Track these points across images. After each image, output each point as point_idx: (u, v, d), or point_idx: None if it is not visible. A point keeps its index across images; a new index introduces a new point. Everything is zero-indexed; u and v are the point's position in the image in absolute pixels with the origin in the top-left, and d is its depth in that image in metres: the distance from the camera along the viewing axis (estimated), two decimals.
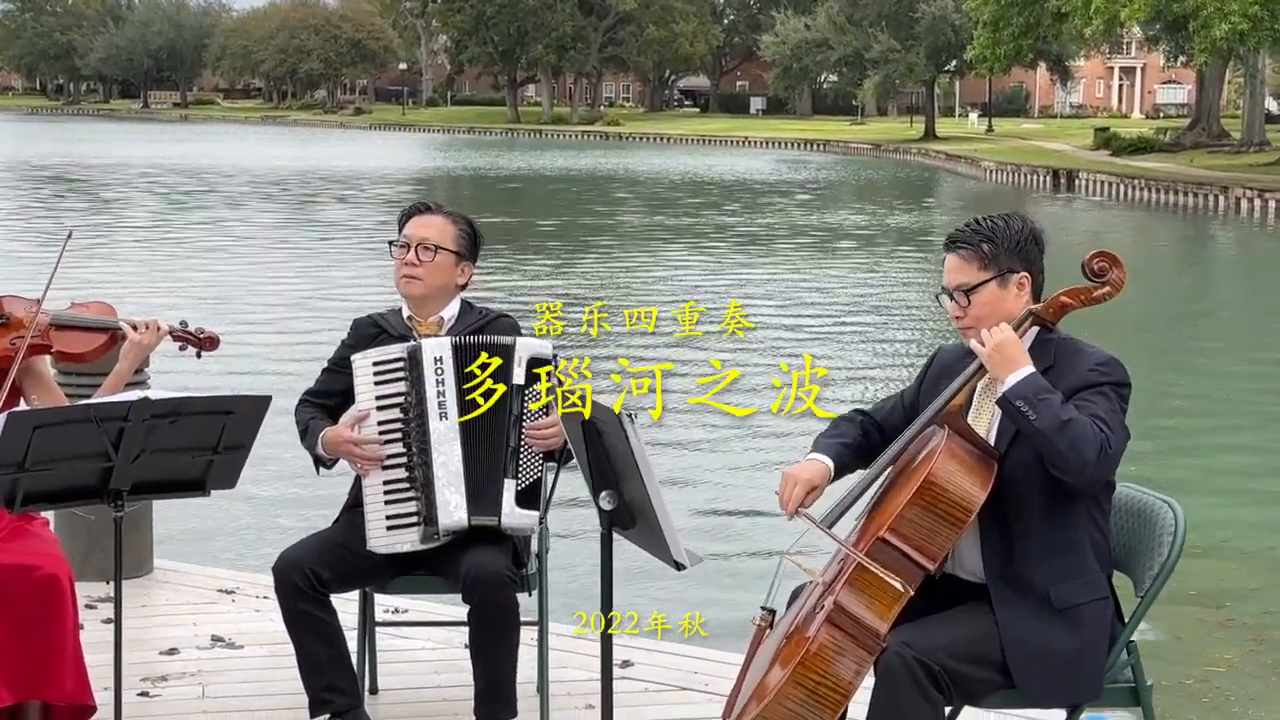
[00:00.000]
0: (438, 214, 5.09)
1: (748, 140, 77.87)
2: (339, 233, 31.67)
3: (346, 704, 4.89)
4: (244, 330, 17.20)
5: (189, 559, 7.73)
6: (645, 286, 23.76)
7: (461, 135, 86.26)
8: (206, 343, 4.99)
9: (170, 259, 26.00)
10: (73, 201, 37.92)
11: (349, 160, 56.54)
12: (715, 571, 9.26)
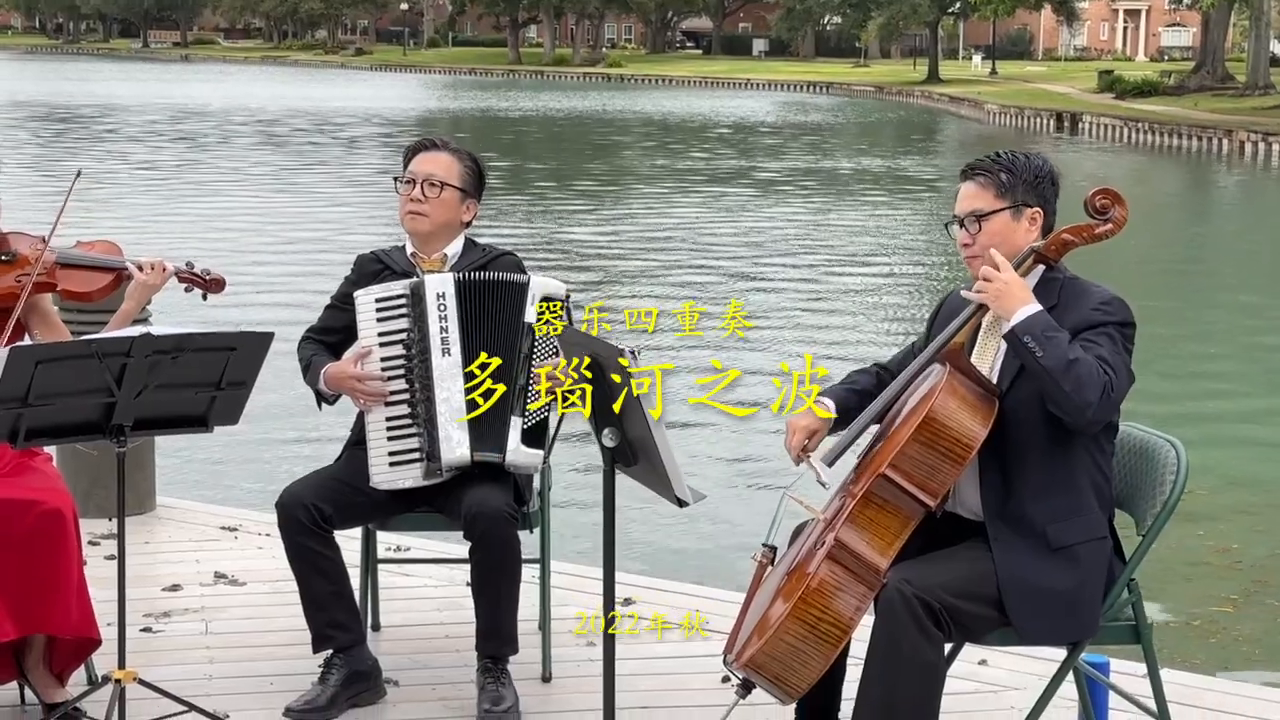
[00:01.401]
0: (444, 150, 5.07)
1: (750, 82, 77.54)
2: (340, 172, 31.60)
3: (349, 640, 4.90)
4: (247, 268, 17.19)
5: (191, 497, 7.75)
6: (650, 235, 23.68)
7: (463, 76, 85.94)
8: (213, 285, 4.98)
9: (172, 199, 25.96)
10: (74, 141, 37.80)
11: (351, 100, 56.35)
12: (716, 509, 9.28)
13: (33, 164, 30.68)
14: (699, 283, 18.69)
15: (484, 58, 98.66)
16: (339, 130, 43.12)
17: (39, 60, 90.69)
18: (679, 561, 8.25)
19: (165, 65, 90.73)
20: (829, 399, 4.36)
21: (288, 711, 4.79)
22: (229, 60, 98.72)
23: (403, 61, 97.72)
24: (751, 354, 14.27)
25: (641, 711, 4.82)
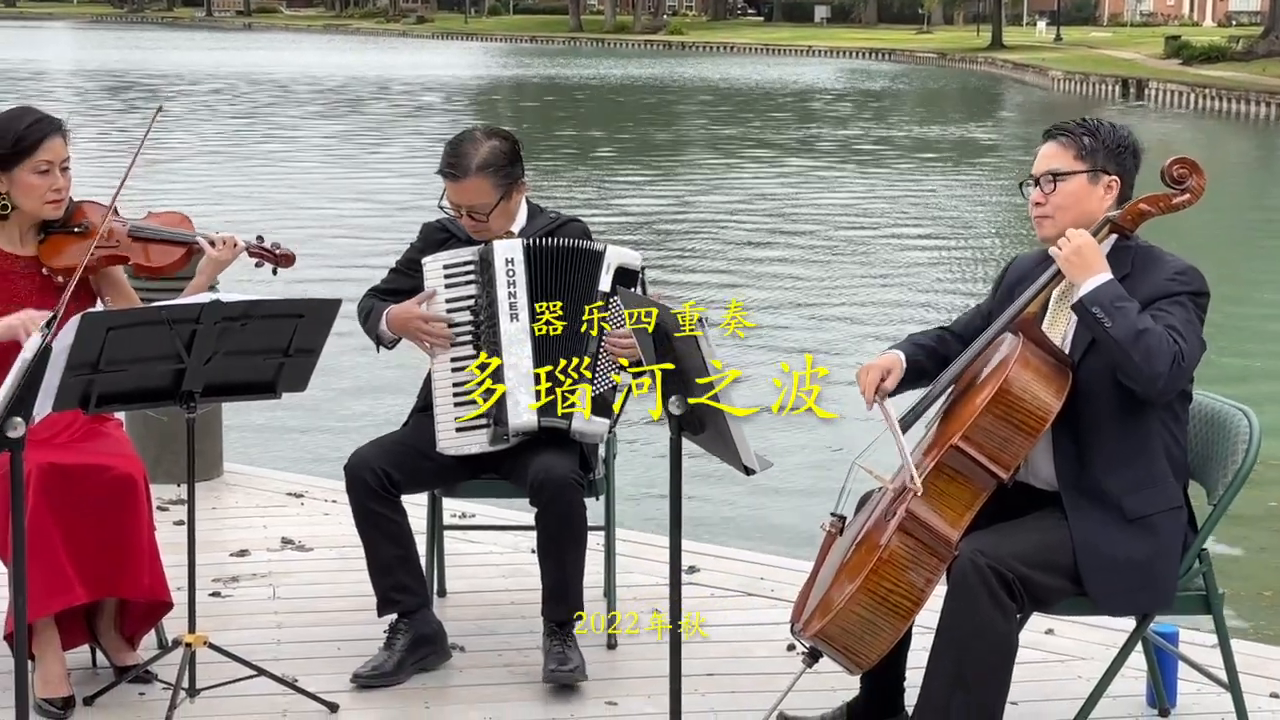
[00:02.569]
0: (468, 178, 4.90)
1: (811, 49, 77.15)
2: (403, 140, 31.66)
3: (415, 603, 4.93)
4: (311, 237, 17.26)
5: (258, 463, 7.80)
6: (708, 204, 23.63)
7: (524, 44, 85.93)
8: (283, 260, 4.98)
9: (238, 168, 26.08)
10: (142, 110, 38.00)
11: (412, 68, 56.43)
12: (784, 477, 9.26)
13: (101, 133, 30.88)
14: (757, 257, 18.64)
15: (545, 25, 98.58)
16: (401, 98, 43.18)
17: (104, 29, 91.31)
18: (744, 529, 8.26)
19: (228, 33, 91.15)
20: (896, 350, 4.35)
21: (355, 677, 4.81)
22: (291, 28, 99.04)
23: (464, 29, 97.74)
24: (806, 326, 14.25)
25: (706, 679, 4.82)
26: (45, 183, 4.70)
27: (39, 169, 4.69)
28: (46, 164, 4.69)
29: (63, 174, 4.74)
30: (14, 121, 4.73)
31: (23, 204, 4.72)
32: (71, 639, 4.72)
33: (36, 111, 4.80)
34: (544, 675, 4.78)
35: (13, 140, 4.68)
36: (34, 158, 4.67)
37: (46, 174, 4.69)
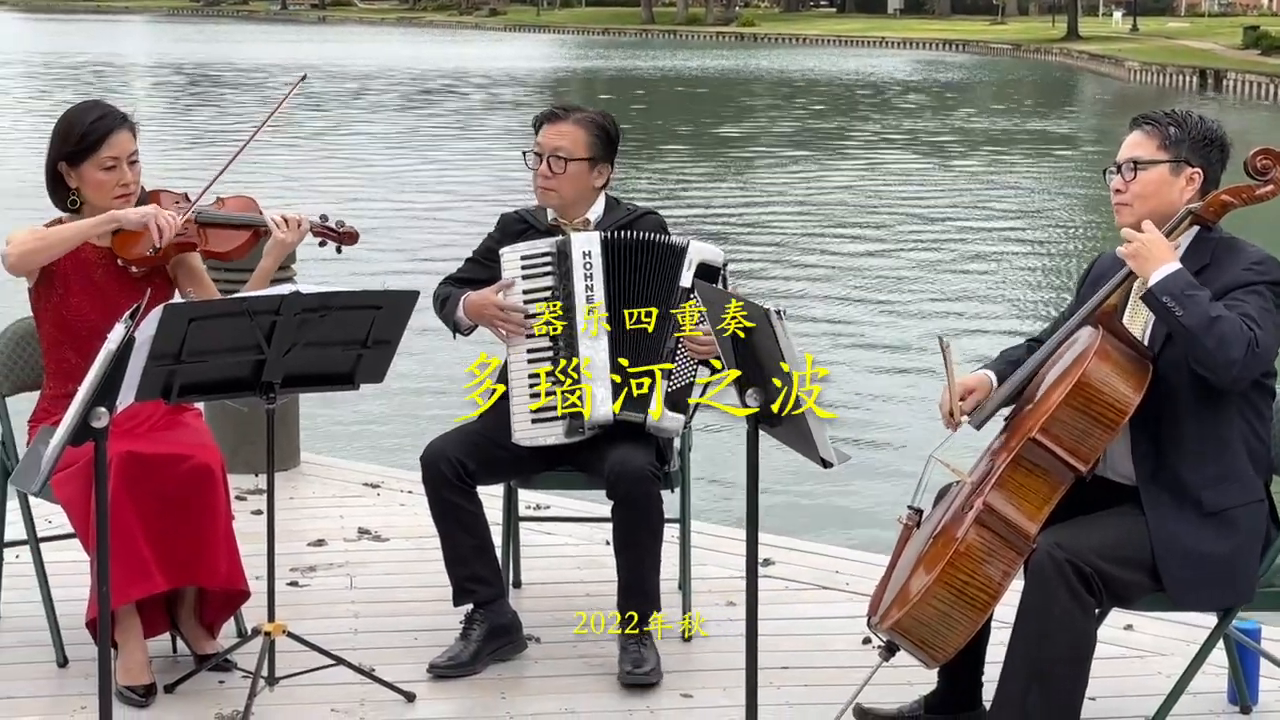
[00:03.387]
0: (568, 120, 5.01)
1: (884, 41, 76.75)
2: (477, 132, 31.75)
3: (490, 594, 4.95)
4: (386, 230, 17.35)
5: (334, 453, 7.85)
6: (777, 197, 23.58)
7: (596, 36, 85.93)
8: (346, 237, 5.01)
9: (312, 159, 26.22)
10: (218, 101, 38.30)
11: (485, 61, 56.59)
12: (861, 470, 9.24)
13: (176, 125, 31.16)
14: (830, 250, 18.58)
15: (617, 18, 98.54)
16: (475, 91, 43.30)
17: (181, 22, 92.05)
18: (819, 522, 8.24)
19: (303, 27, 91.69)
20: (989, 370, 4.33)
21: (432, 667, 4.84)
22: (365, 22, 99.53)
23: (536, 21, 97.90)
24: (889, 321, 14.19)
25: (782, 672, 4.81)
26: (112, 178, 4.74)
27: (105, 165, 4.73)
28: (113, 160, 4.73)
29: (130, 168, 4.78)
30: (80, 117, 4.77)
31: (92, 199, 4.77)
32: (153, 627, 4.77)
33: (103, 106, 4.83)
34: (620, 676, 4.78)
35: (79, 137, 4.72)
36: (100, 154, 4.72)
37: (113, 169, 4.74)
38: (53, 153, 4.78)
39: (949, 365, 4.20)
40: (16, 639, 5.06)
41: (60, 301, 4.75)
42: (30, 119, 32.12)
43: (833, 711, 4.33)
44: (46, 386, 4.91)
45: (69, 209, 4.83)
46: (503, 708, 4.66)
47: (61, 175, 4.78)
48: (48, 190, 4.84)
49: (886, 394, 11.58)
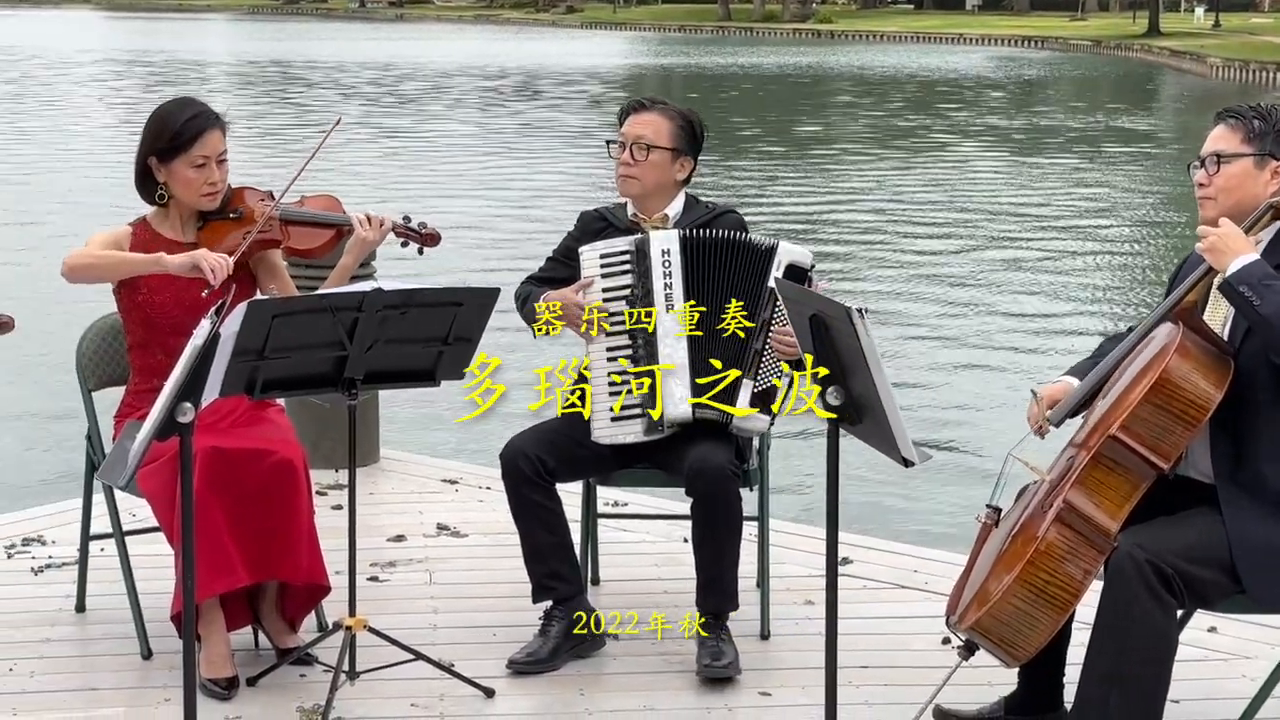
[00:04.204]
0: (653, 111, 5.06)
1: (963, 37, 76.26)
2: (553, 129, 31.79)
3: (569, 591, 4.96)
4: (464, 227, 17.41)
5: (413, 449, 7.89)
6: (852, 195, 23.47)
7: (672, 34, 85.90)
8: (429, 239, 5.04)
9: (388, 156, 26.35)
10: (298, 99, 38.56)
11: (562, 58, 56.69)
12: (940, 469, 9.19)
13: (257, 122, 31.39)
14: (910, 248, 18.49)
15: (693, 14, 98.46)
16: (552, 88, 43.37)
17: (260, 20, 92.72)
18: (897, 521, 8.21)
19: (381, 24, 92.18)
20: (1069, 376, 4.31)
21: (510, 663, 4.86)
22: (443, 19, 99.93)
23: (612, 19, 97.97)
24: (970, 319, 14.10)
25: (861, 671, 4.80)
26: (201, 176, 4.80)
27: (195, 163, 4.78)
28: (203, 159, 4.79)
29: (219, 167, 4.83)
30: (173, 115, 4.83)
31: (179, 195, 4.83)
32: (235, 621, 4.82)
33: (196, 105, 4.89)
34: (698, 670, 4.78)
35: (171, 134, 4.78)
36: (191, 152, 4.77)
37: (202, 168, 4.79)
38: (144, 148, 4.84)
39: (1039, 406, 4.19)
40: (102, 631, 5.13)
41: (145, 299, 4.80)
42: (111, 115, 32.50)
43: (912, 711, 4.32)
44: (131, 382, 4.97)
45: (156, 202, 4.89)
46: (581, 704, 4.68)
47: (151, 170, 4.84)
48: (136, 183, 4.90)
49: (967, 392, 11.52)
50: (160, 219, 4.92)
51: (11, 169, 23.44)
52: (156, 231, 4.90)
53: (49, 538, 5.96)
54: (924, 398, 11.17)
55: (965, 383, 11.80)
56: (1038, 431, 4.25)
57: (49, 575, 5.61)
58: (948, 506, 8.68)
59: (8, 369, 11.31)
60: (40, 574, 5.63)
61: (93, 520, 5.20)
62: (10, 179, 22.31)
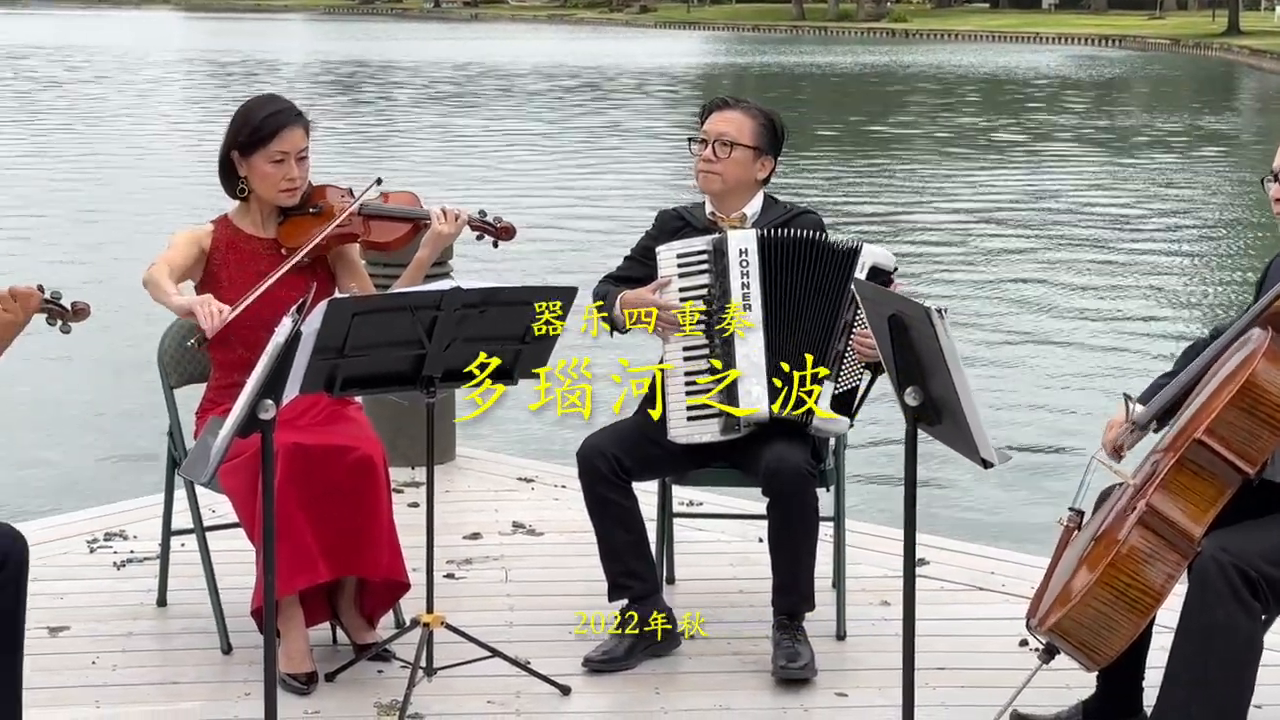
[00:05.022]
0: (736, 109, 5.07)
1: (1039, 36, 75.73)
2: (629, 129, 31.80)
3: (645, 590, 4.96)
4: (540, 226, 17.43)
5: (488, 447, 7.92)
6: (927, 197, 23.34)
7: (746, 33, 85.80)
8: (504, 232, 5.06)
9: (464, 155, 26.44)
10: (375, 99, 38.78)
11: (636, 57, 56.74)
12: (1019, 470, 9.13)
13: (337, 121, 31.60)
14: (988, 249, 18.37)
15: (767, 14, 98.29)
16: (626, 88, 43.42)
17: (337, 20, 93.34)
18: (974, 522, 8.16)
19: (456, 24, 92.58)
20: None
21: (586, 661, 4.87)
22: (517, 19, 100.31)
23: (686, 18, 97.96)
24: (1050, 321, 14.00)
25: (938, 673, 4.78)
26: (279, 172, 4.84)
27: (274, 158, 4.83)
28: (281, 154, 4.83)
29: (298, 164, 4.86)
30: (255, 110, 4.88)
31: (258, 189, 4.88)
32: (314, 616, 4.86)
33: (279, 102, 4.93)
34: (774, 671, 4.78)
35: (251, 129, 4.82)
36: (270, 147, 4.81)
37: (281, 164, 4.83)
38: (227, 140, 4.89)
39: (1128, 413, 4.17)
40: (182, 625, 5.19)
41: (225, 295, 4.84)
42: (189, 114, 32.80)
43: (989, 714, 4.29)
44: (213, 378, 5.02)
45: (237, 196, 4.94)
46: (657, 703, 4.68)
47: (233, 163, 4.89)
48: (219, 176, 4.96)
49: (1047, 394, 11.44)
50: (241, 214, 4.97)
51: (93, 168, 23.69)
52: (237, 228, 4.95)
53: (131, 533, 6.02)
54: (1005, 399, 11.10)
55: (1048, 384, 11.72)
56: (1115, 454, 4.21)
57: (131, 570, 5.67)
58: (1027, 508, 8.62)
59: (90, 365, 11.44)
60: (122, 568, 5.69)
61: (174, 516, 5.25)
62: (92, 178, 22.55)
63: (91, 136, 28.24)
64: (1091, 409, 10.41)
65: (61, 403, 10.81)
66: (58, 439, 10.14)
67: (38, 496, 8.54)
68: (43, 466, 9.50)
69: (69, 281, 4.66)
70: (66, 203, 19.92)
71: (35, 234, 17.61)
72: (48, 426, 10.32)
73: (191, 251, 4.87)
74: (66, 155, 25.18)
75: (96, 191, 21.21)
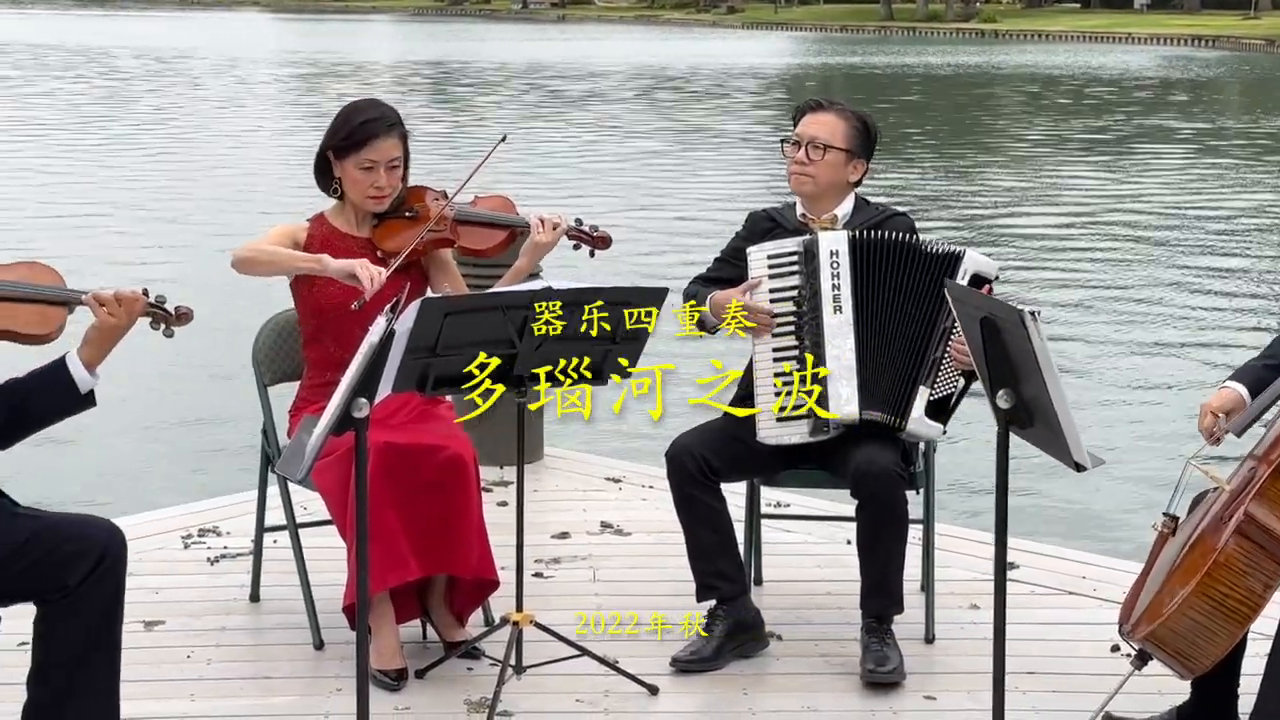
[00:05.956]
0: (829, 111, 5.06)
1: (1131, 36, 74.99)
2: (718, 130, 31.77)
3: (733, 590, 4.97)
4: (630, 228, 17.42)
5: (575, 448, 7.94)
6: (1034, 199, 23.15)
7: (834, 33, 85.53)
8: (600, 241, 5.07)
9: (551, 156, 26.51)
10: (464, 100, 38.97)
11: (724, 58, 56.69)
12: (1110, 474, 9.04)
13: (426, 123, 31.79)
14: (1083, 252, 18.20)
15: (855, 14, 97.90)
16: (714, 89, 43.37)
17: (425, 22, 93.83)
18: (1065, 527, 8.10)
19: (543, 25, 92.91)
20: (1235, 383, 4.22)
21: (674, 661, 4.88)
22: (604, 20, 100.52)
23: (774, 19, 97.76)
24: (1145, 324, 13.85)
25: (1028, 677, 4.74)
26: (368, 179, 4.88)
27: (364, 165, 4.87)
28: (371, 162, 4.87)
29: (389, 173, 4.89)
30: (353, 114, 4.92)
31: (348, 193, 4.93)
32: (404, 613, 4.89)
33: (377, 109, 4.96)
34: (862, 674, 4.77)
35: (345, 134, 4.87)
36: (361, 154, 4.85)
37: (370, 171, 4.87)
38: (324, 140, 4.95)
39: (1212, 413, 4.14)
40: (275, 621, 5.24)
41: (320, 294, 4.89)
42: (278, 114, 33.11)
43: (1081, 719, 4.26)
44: (306, 376, 5.07)
45: (332, 195, 4.99)
46: (744, 704, 4.69)
47: (330, 162, 4.94)
48: (315, 173, 5.01)
49: (1142, 397, 11.34)
50: (336, 213, 5.02)
51: (186, 169, 23.93)
52: (333, 226, 5.00)
53: (224, 529, 6.09)
54: (1099, 401, 11.01)
55: (1142, 388, 11.61)
56: (1212, 440, 4.17)
57: (224, 565, 5.74)
58: (1118, 512, 8.55)
59: (185, 363, 11.58)
60: (216, 564, 5.76)
61: (267, 512, 5.31)
62: (183, 177, 22.78)
63: (182, 138, 28.53)
64: (1188, 413, 10.29)
65: (157, 402, 10.96)
66: (153, 437, 10.29)
67: (133, 494, 8.67)
68: (139, 464, 9.64)
69: (157, 280, 4.72)
70: (158, 203, 20.14)
71: (126, 233, 17.83)
72: (144, 425, 10.47)
73: (284, 244, 4.92)
74: (158, 155, 25.47)
75: (187, 190, 21.42)
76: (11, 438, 3.94)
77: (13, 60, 48.87)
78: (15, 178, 22.44)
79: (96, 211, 19.35)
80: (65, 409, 3.93)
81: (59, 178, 22.44)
